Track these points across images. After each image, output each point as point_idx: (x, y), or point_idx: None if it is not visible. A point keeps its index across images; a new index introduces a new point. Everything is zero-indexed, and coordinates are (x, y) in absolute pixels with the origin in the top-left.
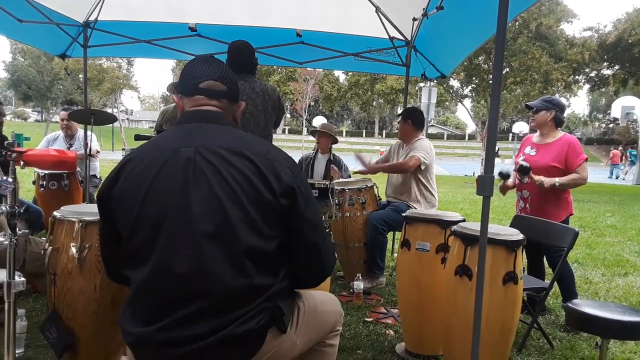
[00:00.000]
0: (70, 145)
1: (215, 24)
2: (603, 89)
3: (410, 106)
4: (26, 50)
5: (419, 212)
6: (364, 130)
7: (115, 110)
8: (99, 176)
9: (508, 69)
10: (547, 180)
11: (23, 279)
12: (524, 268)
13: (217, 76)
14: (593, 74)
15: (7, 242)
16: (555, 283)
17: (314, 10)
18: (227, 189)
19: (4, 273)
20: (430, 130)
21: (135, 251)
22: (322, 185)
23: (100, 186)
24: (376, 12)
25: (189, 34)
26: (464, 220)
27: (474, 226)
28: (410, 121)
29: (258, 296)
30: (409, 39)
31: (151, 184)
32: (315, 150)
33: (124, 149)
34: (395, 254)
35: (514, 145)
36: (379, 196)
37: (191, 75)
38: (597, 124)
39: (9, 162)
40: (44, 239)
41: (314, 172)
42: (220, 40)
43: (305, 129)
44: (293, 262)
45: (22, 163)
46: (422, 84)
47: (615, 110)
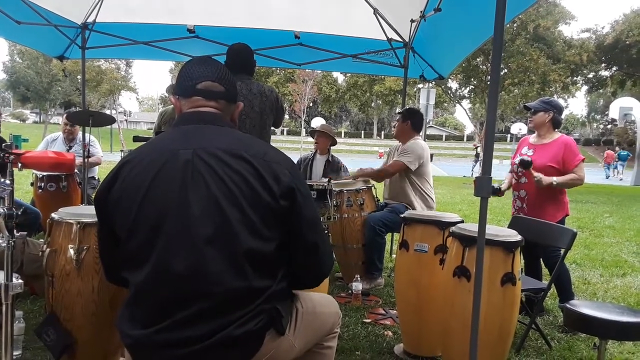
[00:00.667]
0: (70, 147)
1: (214, 25)
2: (601, 90)
3: (413, 107)
4: (24, 51)
5: (417, 214)
6: (363, 132)
7: (113, 111)
8: (97, 178)
9: (506, 70)
10: (545, 178)
11: (21, 281)
12: (521, 269)
13: (215, 77)
14: (591, 75)
15: (5, 244)
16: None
17: (312, 12)
18: (226, 191)
19: (1, 275)
20: (429, 132)
21: (133, 253)
22: (321, 187)
23: (97, 188)
24: (374, 14)
25: (187, 36)
26: (462, 221)
27: (472, 227)
28: (410, 122)
29: (256, 298)
30: (407, 40)
31: (150, 185)
32: (313, 151)
33: (122, 151)
34: (393, 255)
35: (512, 147)
36: (377, 197)
37: (188, 76)
38: (595, 125)
39: (7, 164)
40: (42, 240)
41: (313, 173)
42: (219, 41)
43: (304, 130)
44: (292, 263)
45: (20, 165)
46: (421, 85)
47: (613, 111)
